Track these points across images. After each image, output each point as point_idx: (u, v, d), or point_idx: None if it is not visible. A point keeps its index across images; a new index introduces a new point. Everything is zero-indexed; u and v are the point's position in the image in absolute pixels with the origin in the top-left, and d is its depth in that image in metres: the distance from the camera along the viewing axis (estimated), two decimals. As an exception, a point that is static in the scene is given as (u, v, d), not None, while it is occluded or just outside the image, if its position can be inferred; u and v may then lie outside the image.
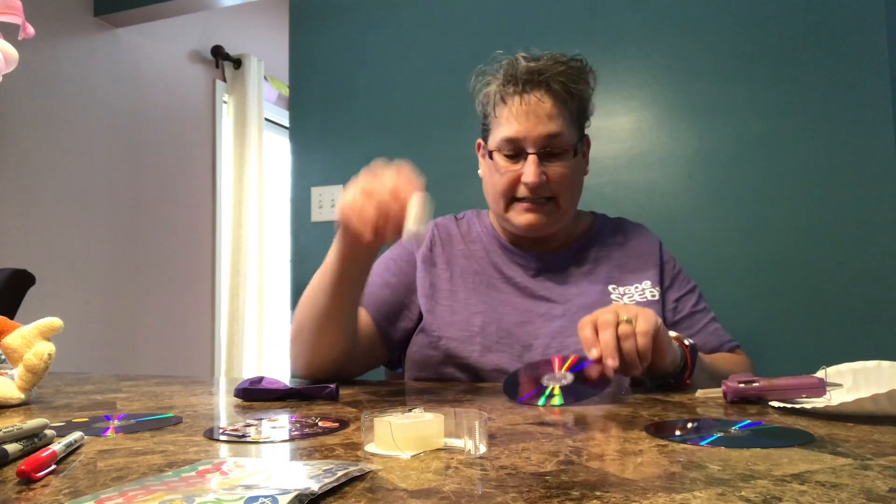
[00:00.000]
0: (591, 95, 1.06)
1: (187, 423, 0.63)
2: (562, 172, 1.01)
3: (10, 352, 0.78)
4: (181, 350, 3.34)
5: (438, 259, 1.11)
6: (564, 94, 1.01)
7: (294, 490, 0.35)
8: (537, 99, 1.00)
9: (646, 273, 1.09)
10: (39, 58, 2.64)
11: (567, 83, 1.01)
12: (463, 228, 1.16)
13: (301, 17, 2.31)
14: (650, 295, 1.06)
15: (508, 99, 1.01)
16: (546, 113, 1.00)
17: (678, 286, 1.11)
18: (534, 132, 0.99)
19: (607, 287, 1.06)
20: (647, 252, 1.11)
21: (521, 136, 1.00)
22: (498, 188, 1.04)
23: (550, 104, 1.00)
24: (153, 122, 3.21)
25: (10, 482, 0.42)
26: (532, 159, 1.00)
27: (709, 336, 1.08)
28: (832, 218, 1.66)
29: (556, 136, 1.00)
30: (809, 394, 0.69)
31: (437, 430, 0.50)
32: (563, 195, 1.03)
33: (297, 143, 2.28)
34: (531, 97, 1.00)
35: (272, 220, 3.91)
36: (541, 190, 1.01)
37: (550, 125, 0.99)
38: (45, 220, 2.67)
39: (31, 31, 0.80)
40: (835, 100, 1.68)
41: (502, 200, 1.04)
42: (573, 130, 1.03)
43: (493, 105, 1.04)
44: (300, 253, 2.25)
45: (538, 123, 0.99)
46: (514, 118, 1.00)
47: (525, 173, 1.00)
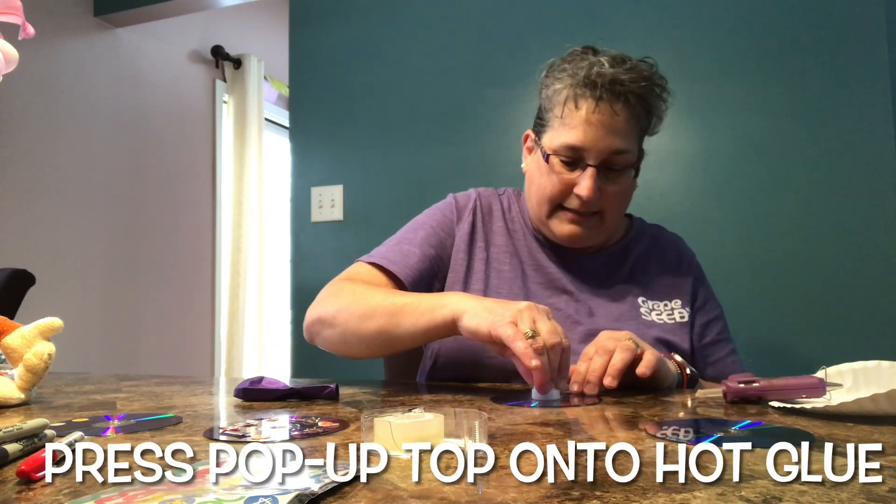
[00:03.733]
0: (663, 113, 1.01)
1: (187, 423, 0.63)
2: (616, 190, 0.97)
3: (10, 352, 0.78)
4: (181, 350, 3.34)
5: (478, 235, 1.06)
6: (641, 109, 0.96)
7: (294, 490, 0.35)
8: (613, 111, 0.93)
9: (678, 292, 1.05)
10: (39, 58, 2.64)
11: (646, 98, 0.96)
12: (504, 205, 1.11)
13: (301, 17, 2.31)
14: (679, 316, 1.03)
15: (582, 102, 0.94)
16: (617, 127, 0.94)
17: (707, 310, 1.07)
18: (600, 144, 0.93)
19: (637, 300, 1.03)
20: (682, 270, 1.08)
21: (586, 147, 0.94)
22: (546, 192, 0.98)
23: (624, 119, 0.94)
24: (153, 122, 3.21)
25: (10, 482, 0.42)
26: (591, 172, 0.94)
27: (725, 367, 1.05)
28: (832, 217, 1.66)
29: (620, 152, 0.95)
30: (809, 394, 0.69)
31: (437, 430, 0.50)
32: (610, 211, 0.99)
33: (297, 143, 2.28)
34: (607, 107, 0.93)
35: (272, 219, 3.91)
36: (592, 205, 0.96)
37: (618, 141, 0.94)
38: (46, 220, 2.67)
39: (32, 31, 0.80)
40: (835, 99, 1.68)
41: (547, 205, 0.99)
42: (636, 148, 0.99)
43: (563, 103, 0.96)
44: (300, 253, 2.25)
45: (606, 136, 0.93)
46: (583, 125, 0.93)
47: (580, 186, 0.94)
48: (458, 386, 0.94)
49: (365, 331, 0.89)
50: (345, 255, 2.20)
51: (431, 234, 1.04)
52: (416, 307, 0.86)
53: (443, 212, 1.08)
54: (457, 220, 1.07)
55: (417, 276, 0.99)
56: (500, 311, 0.77)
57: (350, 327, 0.90)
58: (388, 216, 2.11)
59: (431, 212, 1.09)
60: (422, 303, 0.86)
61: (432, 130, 2.09)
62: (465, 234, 1.06)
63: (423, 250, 1.02)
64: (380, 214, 2.14)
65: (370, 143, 2.18)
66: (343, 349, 0.95)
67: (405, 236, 1.05)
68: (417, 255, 1.01)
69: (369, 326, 0.88)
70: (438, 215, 1.08)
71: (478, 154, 2.02)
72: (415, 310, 0.85)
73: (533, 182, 1.02)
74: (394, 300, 0.88)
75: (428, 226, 1.06)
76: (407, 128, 2.13)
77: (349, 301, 0.92)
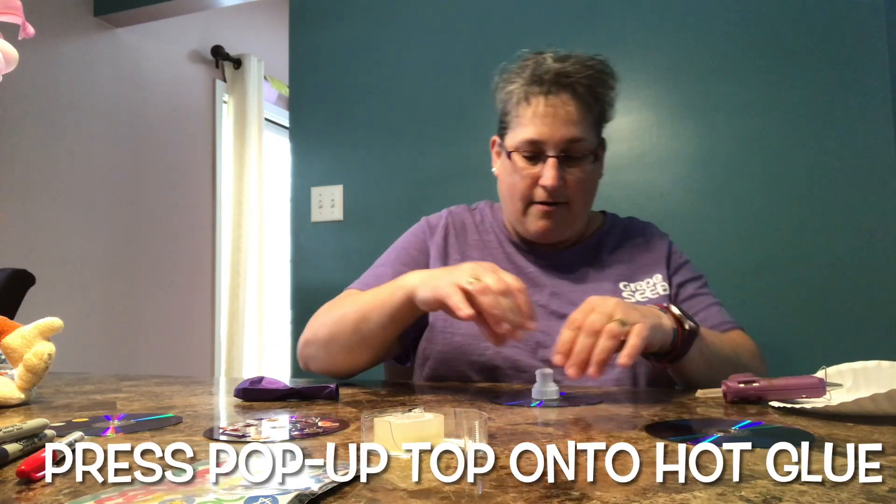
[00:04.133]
0: (613, 100, 1.05)
1: (187, 423, 0.63)
2: (579, 177, 1.01)
3: (10, 352, 0.78)
4: (181, 350, 3.34)
5: (452, 249, 1.11)
6: (589, 98, 1.00)
7: (294, 490, 0.35)
8: (562, 102, 0.98)
9: (656, 268, 1.08)
10: (39, 58, 2.64)
11: (593, 87, 1.00)
12: (477, 218, 1.16)
13: (301, 17, 2.31)
14: (661, 289, 1.05)
15: (533, 99, 1.00)
16: (569, 117, 0.98)
17: (682, 273, 1.10)
18: (556, 135, 0.98)
19: (618, 284, 1.06)
20: (656, 248, 1.11)
21: (543, 139, 0.99)
22: (516, 190, 1.03)
23: (575, 108, 0.99)
24: (153, 122, 3.21)
25: (10, 482, 0.42)
26: (552, 162, 0.98)
27: (709, 316, 1.06)
28: (832, 218, 1.66)
29: (577, 140, 0.99)
30: (809, 394, 0.69)
31: (437, 430, 0.50)
32: (577, 200, 1.03)
33: (297, 143, 2.28)
34: (556, 99, 0.98)
35: (272, 219, 3.91)
36: (558, 194, 1.00)
37: (573, 129, 0.99)
38: (46, 219, 2.67)
39: (31, 30, 0.80)
40: (835, 99, 1.68)
41: (520, 203, 1.03)
42: (593, 135, 1.03)
43: (516, 103, 1.02)
44: (300, 253, 2.25)
45: (561, 126, 0.98)
46: (537, 119, 0.99)
47: (544, 176, 0.99)
48: (457, 386, 0.94)
49: (342, 336, 0.93)
50: (345, 255, 2.20)
51: (403, 253, 1.11)
52: (377, 297, 0.90)
53: (414, 233, 1.14)
54: (430, 236, 1.12)
55: None
56: (444, 275, 0.80)
57: (329, 338, 0.95)
58: (388, 216, 2.11)
59: (405, 235, 1.15)
60: (381, 292, 0.90)
61: (432, 130, 2.09)
62: (439, 248, 1.10)
63: (395, 269, 1.07)
64: (380, 214, 2.14)
65: (370, 143, 2.18)
66: (331, 364, 0.97)
67: (380, 261, 1.12)
68: (389, 274, 1.06)
69: (344, 331, 0.93)
70: (410, 236, 1.14)
71: (478, 154, 2.02)
72: (377, 300, 0.89)
73: (503, 183, 1.07)
74: (360, 299, 0.93)
75: (400, 247, 1.12)
76: (407, 128, 2.13)
77: (324, 319, 0.98)
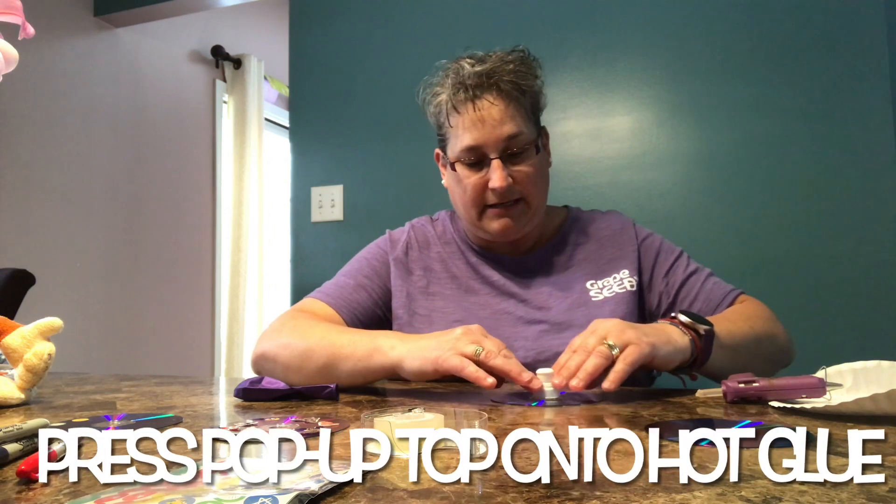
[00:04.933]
0: (541, 88, 1.04)
1: (187, 423, 0.63)
2: (527, 171, 1.00)
3: (10, 352, 0.78)
4: (181, 350, 3.34)
5: (414, 265, 1.10)
6: (516, 92, 0.99)
7: (294, 490, 0.35)
8: (490, 103, 0.97)
9: (623, 261, 1.06)
10: (39, 58, 2.64)
11: (517, 81, 0.99)
12: (438, 230, 1.15)
13: (301, 17, 2.31)
14: (629, 285, 1.04)
15: (461, 107, 0.99)
16: (501, 116, 0.97)
17: (663, 260, 1.07)
18: (492, 136, 0.97)
19: (585, 284, 1.05)
20: (621, 238, 1.09)
21: (481, 143, 0.98)
22: (467, 198, 1.02)
23: (503, 105, 0.98)
24: (153, 122, 3.21)
25: (11, 482, 0.42)
26: (496, 164, 0.98)
27: (709, 294, 1.04)
28: (832, 218, 1.66)
29: (515, 136, 0.98)
30: (809, 394, 0.69)
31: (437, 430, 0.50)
32: (531, 194, 1.02)
33: (297, 143, 2.28)
34: (483, 102, 0.98)
35: (272, 219, 3.91)
36: (509, 193, 0.99)
37: (507, 127, 0.97)
38: (45, 220, 2.67)
39: (31, 30, 0.80)
40: (834, 99, 1.68)
41: (473, 210, 1.02)
42: (530, 126, 1.01)
43: (447, 115, 1.01)
44: (300, 253, 2.25)
45: (495, 127, 0.97)
46: (471, 126, 0.98)
47: (492, 179, 0.98)
48: (457, 387, 0.94)
49: (305, 371, 0.91)
50: (345, 254, 2.19)
51: (365, 265, 1.11)
52: (353, 352, 0.87)
53: (377, 246, 1.15)
54: (390, 250, 1.12)
55: (353, 305, 1.06)
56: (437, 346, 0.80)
57: (291, 365, 0.92)
58: (388, 216, 2.10)
59: (368, 248, 1.16)
60: (357, 347, 0.87)
61: (432, 130, 2.09)
62: (400, 264, 1.10)
63: (356, 280, 1.08)
64: (380, 214, 2.13)
65: (370, 143, 2.18)
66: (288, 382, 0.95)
67: (343, 270, 1.13)
68: (351, 286, 1.07)
69: (309, 367, 0.90)
70: (373, 249, 1.14)
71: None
72: (351, 354, 0.87)
73: (454, 194, 1.07)
74: (331, 340, 0.90)
75: (363, 259, 1.13)
76: (407, 128, 2.13)
77: (289, 338, 0.95)
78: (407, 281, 1.09)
